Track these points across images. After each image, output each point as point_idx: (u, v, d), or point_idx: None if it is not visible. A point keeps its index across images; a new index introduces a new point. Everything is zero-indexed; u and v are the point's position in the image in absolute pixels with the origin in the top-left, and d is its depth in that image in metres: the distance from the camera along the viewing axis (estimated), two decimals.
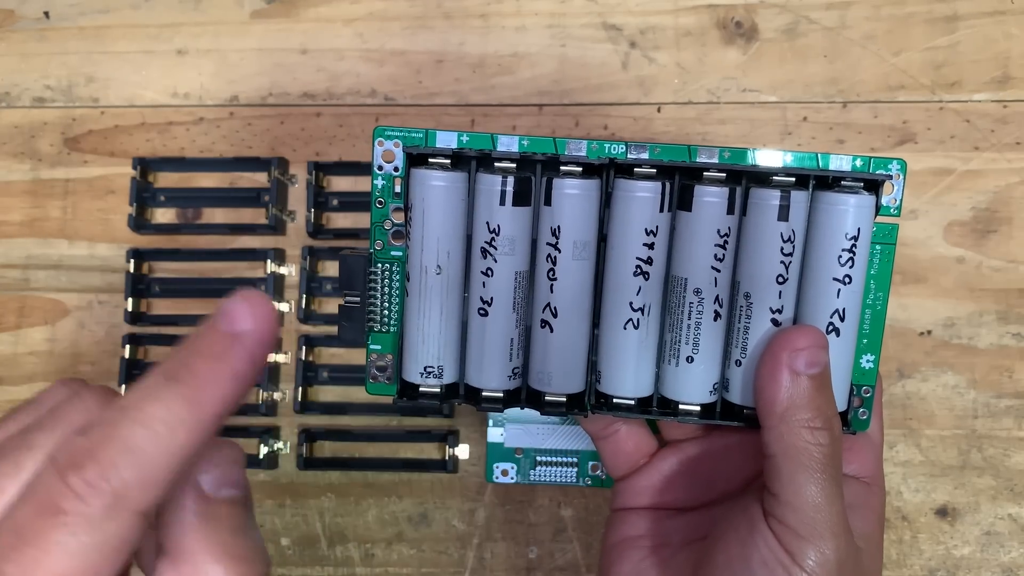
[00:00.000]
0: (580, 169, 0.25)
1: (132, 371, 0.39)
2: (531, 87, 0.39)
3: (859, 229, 0.24)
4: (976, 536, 0.37)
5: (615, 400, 0.26)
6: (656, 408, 0.26)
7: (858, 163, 0.25)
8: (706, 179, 0.24)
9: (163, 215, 0.40)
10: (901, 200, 0.25)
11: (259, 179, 0.40)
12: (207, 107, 0.40)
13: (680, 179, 0.25)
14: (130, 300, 0.39)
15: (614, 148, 0.25)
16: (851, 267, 0.24)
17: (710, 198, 0.24)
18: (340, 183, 0.40)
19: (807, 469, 0.22)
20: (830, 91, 0.38)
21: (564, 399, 0.26)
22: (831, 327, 0.24)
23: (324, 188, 0.39)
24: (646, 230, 0.24)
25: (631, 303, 0.25)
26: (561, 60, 0.39)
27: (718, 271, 0.24)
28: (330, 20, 0.40)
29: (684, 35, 0.39)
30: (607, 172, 0.25)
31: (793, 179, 0.24)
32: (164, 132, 0.40)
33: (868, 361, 0.26)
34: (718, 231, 0.24)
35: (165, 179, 0.40)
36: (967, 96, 0.38)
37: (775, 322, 0.24)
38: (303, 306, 0.38)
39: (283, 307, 0.39)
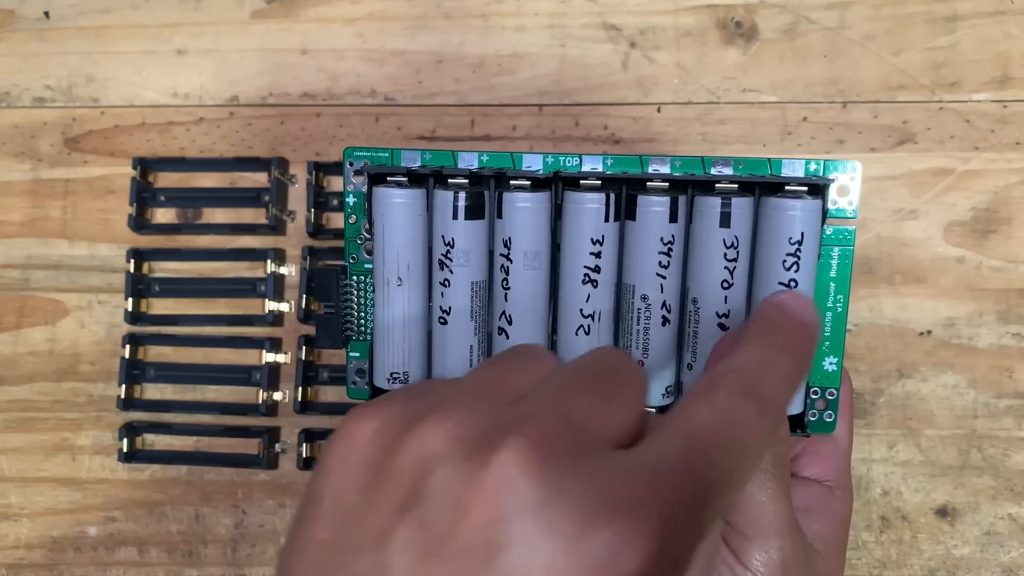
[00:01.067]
0: (529, 183, 0.26)
1: (132, 371, 0.39)
2: (531, 87, 0.39)
3: (803, 233, 0.24)
4: (976, 536, 0.37)
5: None
6: None
7: (811, 167, 0.25)
8: (650, 189, 0.25)
9: (163, 215, 0.40)
10: (857, 203, 0.25)
11: (259, 179, 0.40)
12: (207, 107, 0.40)
13: (627, 189, 0.25)
14: (130, 300, 0.39)
15: (569, 161, 0.26)
16: (796, 271, 0.24)
17: (653, 207, 0.25)
18: (340, 183, 0.40)
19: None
20: (830, 91, 0.38)
21: None
22: None
23: (324, 188, 0.39)
24: (592, 239, 0.25)
25: (581, 310, 0.26)
26: (561, 60, 0.39)
27: (664, 277, 0.25)
28: (330, 20, 0.40)
29: (684, 35, 0.39)
30: (555, 185, 0.26)
31: (736, 186, 0.24)
32: (164, 132, 0.40)
33: (831, 363, 0.26)
34: (662, 239, 0.25)
35: (165, 179, 0.40)
36: (967, 96, 0.38)
37: (722, 326, 0.25)
38: (303, 306, 0.38)
39: (283, 307, 0.39)
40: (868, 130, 0.38)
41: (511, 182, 0.26)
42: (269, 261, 0.38)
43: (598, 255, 0.25)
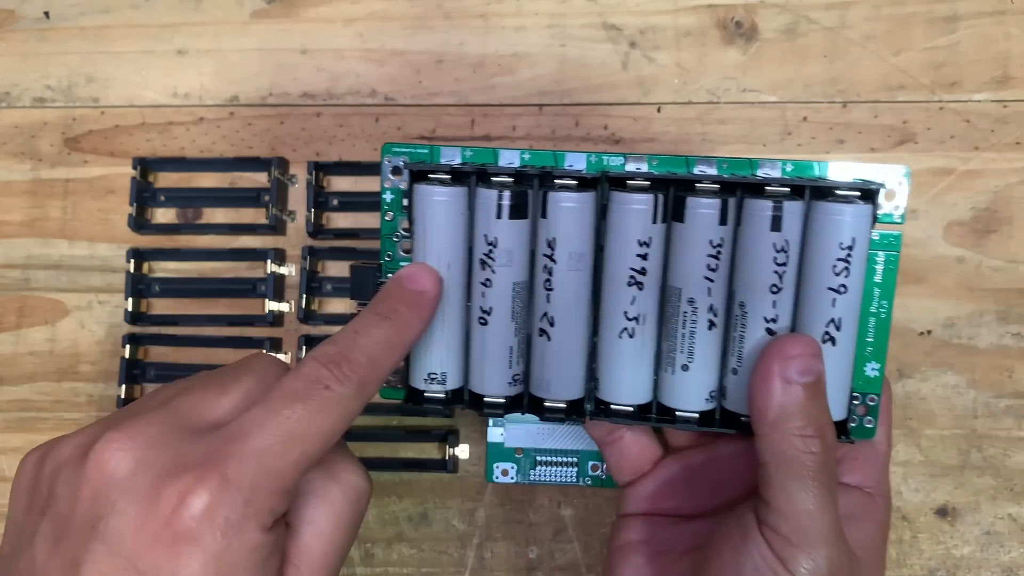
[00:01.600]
0: (575, 182, 0.25)
1: (132, 371, 0.39)
2: (531, 87, 0.39)
3: (854, 239, 0.24)
4: (976, 536, 0.37)
5: (613, 407, 0.26)
6: (655, 415, 0.26)
7: (859, 171, 0.25)
8: (699, 190, 0.24)
9: (163, 215, 0.40)
10: (905, 208, 0.25)
11: (259, 179, 0.40)
12: (207, 107, 0.40)
13: (674, 190, 0.25)
14: (130, 300, 0.39)
15: (612, 160, 0.25)
16: (846, 276, 0.24)
17: (703, 209, 0.24)
18: (340, 183, 0.40)
19: (798, 477, 0.22)
20: (830, 91, 0.38)
21: (563, 405, 0.26)
22: (827, 336, 0.24)
23: (324, 188, 0.40)
24: (639, 241, 0.24)
25: (626, 312, 0.25)
26: (561, 60, 0.39)
27: (711, 281, 0.24)
28: (330, 20, 0.40)
29: (684, 35, 0.39)
30: (602, 185, 0.25)
31: (787, 189, 0.24)
32: (164, 132, 0.40)
33: (873, 369, 0.26)
34: (711, 242, 0.24)
35: (165, 179, 0.40)
36: (967, 96, 0.38)
37: (770, 331, 0.24)
38: (303, 306, 0.38)
39: (283, 307, 0.39)
40: (868, 130, 0.38)
41: (555, 181, 0.25)
42: (269, 261, 0.38)
43: (644, 257, 0.25)
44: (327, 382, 0.22)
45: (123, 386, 0.38)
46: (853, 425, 0.26)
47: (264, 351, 0.27)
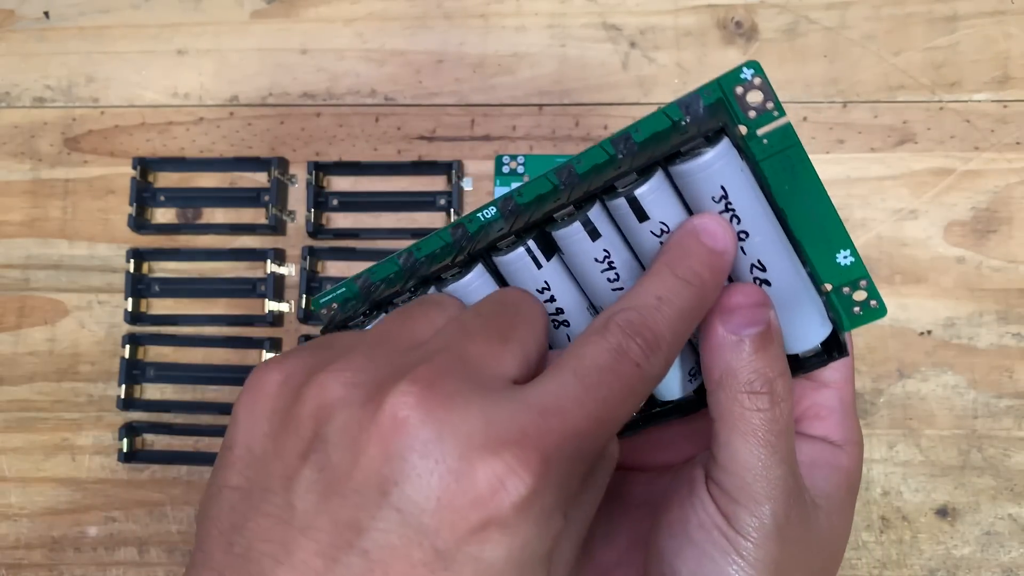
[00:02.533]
0: (458, 269, 0.24)
1: (132, 371, 0.39)
2: (531, 87, 0.39)
3: (723, 186, 0.22)
4: (976, 536, 0.37)
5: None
6: (659, 409, 0.26)
7: (702, 98, 0.22)
8: (559, 220, 0.23)
9: (163, 215, 0.40)
10: (775, 98, 0.22)
11: (259, 179, 0.40)
12: (207, 107, 0.40)
13: (540, 231, 0.24)
14: (130, 300, 0.39)
15: (484, 213, 0.24)
16: (739, 223, 0.22)
17: (570, 238, 0.23)
18: (340, 183, 0.40)
19: (742, 434, 0.22)
20: (830, 91, 0.38)
21: None
22: (757, 282, 0.23)
23: (324, 188, 0.39)
24: (537, 289, 0.24)
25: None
26: (561, 60, 0.39)
27: (621, 287, 0.24)
28: (330, 20, 0.40)
29: (684, 35, 0.39)
30: (483, 260, 0.24)
31: (635, 174, 0.22)
32: (164, 132, 0.40)
33: (845, 257, 0.24)
34: (595, 259, 0.23)
35: (165, 179, 0.40)
36: (967, 96, 0.38)
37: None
38: (303, 306, 0.38)
39: (283, 307, 0.39)
40: (868, 130, 0.38)
41: (443, 276, 0.24)
42: (269, 261, 0.38)
43: (552, 299, 0.24)
44: (637, 358, 0.19)
45: (123, 386, 0.38)
46: (857, 313, 0.24)
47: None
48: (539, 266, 0.24)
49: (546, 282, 0.24)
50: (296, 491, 0.18)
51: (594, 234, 0.23)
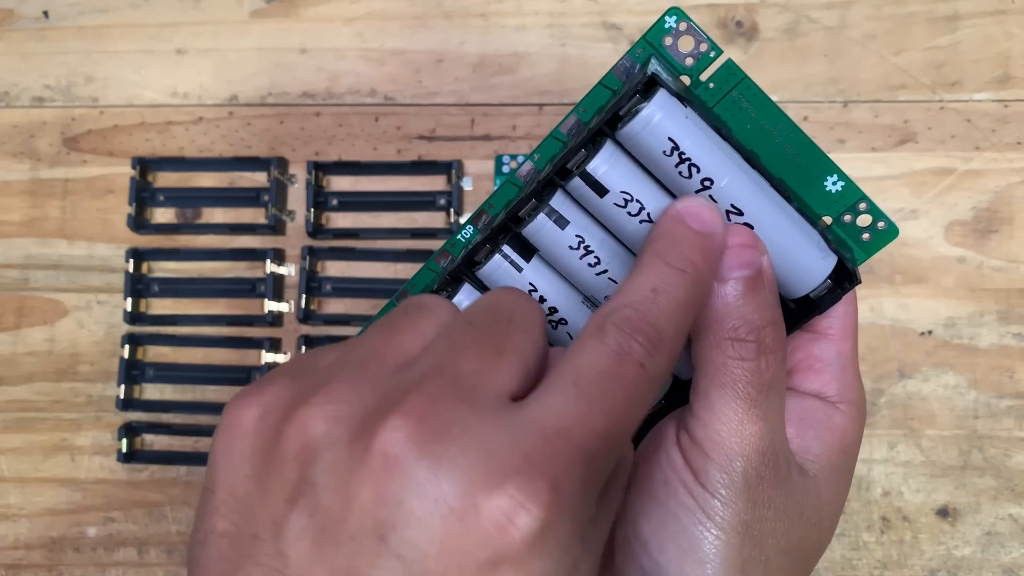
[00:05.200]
0: (446, 293, 0.24)
1: (131, 371, 0.39)
2: (531, 86, 0.39)
3: (670, 137, 0.21)
4: (977, 536, 0.37)
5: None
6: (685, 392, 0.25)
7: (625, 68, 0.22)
8: (526, 216, 0.23)
9: (162, 215, 0.40)
10: (708, 39, 0.22)
11: (259, 179, 0.40)
12: (206, 107, 0.40)
13: (512, 234, 0.23)
14: (129, 300, 0.39)
15: (462, 235, 0.24)
16: (698, 171, 0.21)
17: (542, 229, 0.22)
18: (340, 183, 0.40)
19: (720, 384, 0.20)
20: (831, 91, 0.38)
21: None
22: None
23: (324, 188, 0.39)
24: (528, 291, 0.23)
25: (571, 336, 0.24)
26: (561, 59, 0.39)
27: (605, 271, 0.23)
28: (330, 19, 0.40)
29: None
30: (465, 277, 0.24)
31: (583, 152, 0.22)
32: (163, 132, 0.40)
33: (834, 183, 0.23)
34: (569, 246, 0.22)
35: (164, 179, 0.40)
36: (968, 96, 0.38)
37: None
38: (303, 306, 0.38)
39: (282, 307, 0.39)
40: (869, 129, 0.38)
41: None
42: (269, 261, 0.38)
43: (541, 299, 0.23)
44: (640, 358, 0.18)
45: (122, 386, 0.38)
46: (867, 240, 0.23)
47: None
48: (519, 269, 0.23)
49: (532, 284, 0.23)
50: (287, 538, 0.16)
51: (561, 221, 0.22)
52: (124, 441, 0.38)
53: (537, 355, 0.19)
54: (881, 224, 0.23)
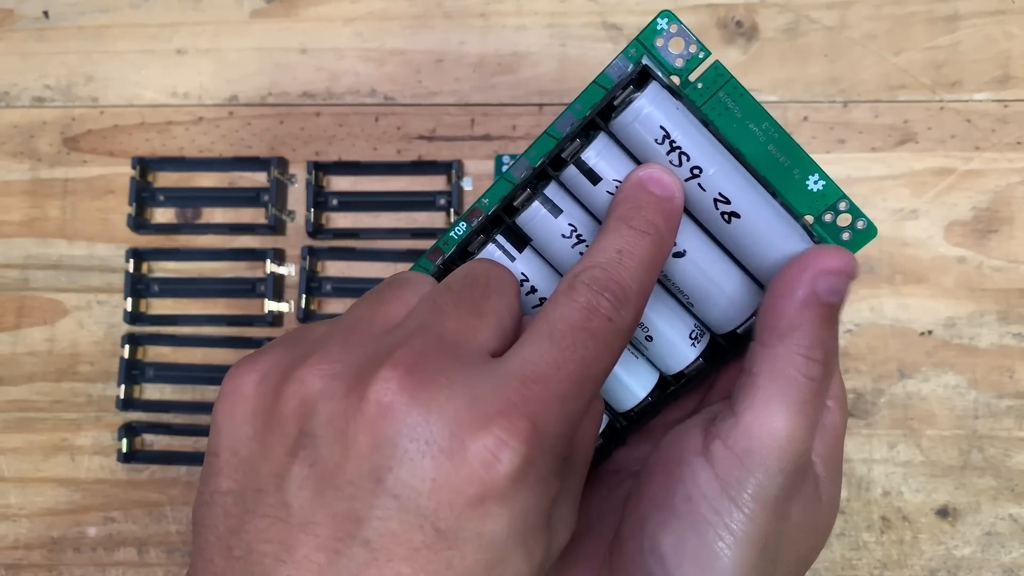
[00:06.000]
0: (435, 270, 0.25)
1: (131, 371, 0.39)
2: (531, 86, 0.39)
3: (662, 126, 0.21)
4: (977, 536, 0.37)
5: (635, 412, 0.25)
6: (672, 388, 0.25)
7: (619, 68, 0.22)
8: (520, 206, 0.23)
9: (162, 215, 0.40)
10: (697, 41, 0.23)
11: (259, 179, 0.40)
12: (206, 107, 0.40)
13: (506, 225, 0.24)
14: (129, 300, 0.39)
15: (457, 231, 0.24)
16: (688, 160, 0.22)
17: (536, 218, 0.23)
18: (340, 183, 0.40)
19: (786, 395, 0.20)
20: (831, 91, 0.38)
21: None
22: (725, 216, 0.22)
23: (324, 188, 0.39)
24: (520, 282, 0.24)
25: None
26: (561, 59, 0.39)
27: None
28: (330, 19, 0.40)
29: None
30: (462, 259, 0.24)
31: (579, 141, 0.22)
32: (163, 132, 0.40)
33: (815, 182, 0.23)
34: (562, 235, 0.23)
35: (164, 179, 0.40)
36: (968, 96, 0.38)
37: (677, 254, 0.23)
38: (303, 306, 0.38)
39: (283, 307, 0.39)
40: (869, 130, 0.38)
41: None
42: (269, 261, 0.38)
43: (532, 290, 0.24)
44: (608, 312, 0.19)
45: (122, 386, 0.38)
46: (847, 239, 0.24)
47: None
48: (512, 259, 0.24)
49: (523, 274, 0.24)
50: (289, 489, 0.17)
51: (555, 210, 0.23)
52: (124, 441, 0.38)
53: (513, 318, 0.21)
54: (860, 223, 0.24)
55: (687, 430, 0.22)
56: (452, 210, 0.38)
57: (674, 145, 0.22)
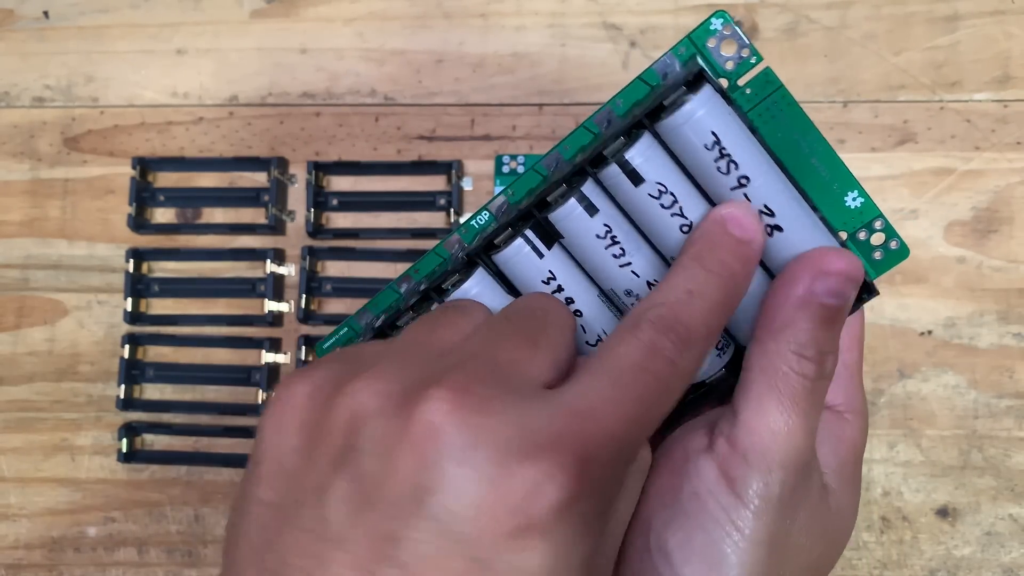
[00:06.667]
0: (457, 277, 0.23)
1: (131, 371, 0.39)
2: (531, 87, 0.39)
3: (713, 131, 0.21)
4: (977, 536, 0.37)
5: None
6: (691, 396, 0.25)
7: (676, 60, 0.22)
8: (553, 204, 0.22)
9: (163, 215, 0.40)
10: (750, 45, 0.22)
11: (259, 179, 0.40)
12: (207, 107, 0.40)
13: (536, 220, 0.23)
14: (129, 300, 0.39)
15: (478, 220, 0.23)
16: (737, 168, 0.21)
17: (568, 217, 0.22)
18: (340, 183, 0.40)
19: (779, 392, 0.20)
20: (831, 91, 0.38)
21: None
22: (768, 228, 0.22)
23: (324, 188, 0.39)
24: (542, 281, 0.23)
25: (587, 342, 0.24)
26: (561, 60, 0.39)
27: (629, 263, 0.23)
28: (330, 20, 0.40)
29: (684, 34, 0.39)
30: (481, 259, 0.23)
31: (622, 139, 0.22)
32: (163, 132, 0.40)
33: (854, 199, 0.23)
34: (596, 235, 0.22)
35: (165, 179, 0.40)
36: (968, 96, 0.38)
37: None
38: (303, 306, 0.38)
39: (283, 307, 0.39)
40: (869, 130, 0.38)
41: (443, 287, 0.24)
42: (269, 261, 0.38)
43: (560, 289, 0.23)
44: (671, 355, 0.19)
45: (122, 386, 0.38)
46: (878, 258, 0.24)
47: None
48: (540, 255, 0.23)
49: (551, 272, 0.23)
50: (329, 503, 0.17)
51: (591, 209, 0.22)
52: (124, 441, 0.38)
53: (568, 353, 0.20)
54: (894, 243, 0.24)
55: (692, 428, 0.22)
56: (452, 210, 0.38)
57: (724, 152, 0.21)
